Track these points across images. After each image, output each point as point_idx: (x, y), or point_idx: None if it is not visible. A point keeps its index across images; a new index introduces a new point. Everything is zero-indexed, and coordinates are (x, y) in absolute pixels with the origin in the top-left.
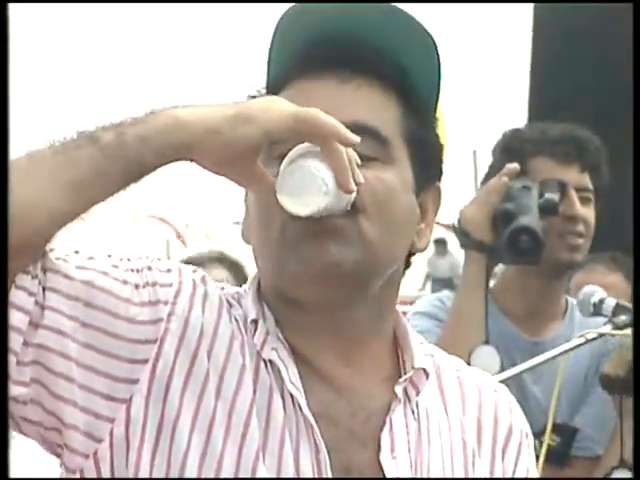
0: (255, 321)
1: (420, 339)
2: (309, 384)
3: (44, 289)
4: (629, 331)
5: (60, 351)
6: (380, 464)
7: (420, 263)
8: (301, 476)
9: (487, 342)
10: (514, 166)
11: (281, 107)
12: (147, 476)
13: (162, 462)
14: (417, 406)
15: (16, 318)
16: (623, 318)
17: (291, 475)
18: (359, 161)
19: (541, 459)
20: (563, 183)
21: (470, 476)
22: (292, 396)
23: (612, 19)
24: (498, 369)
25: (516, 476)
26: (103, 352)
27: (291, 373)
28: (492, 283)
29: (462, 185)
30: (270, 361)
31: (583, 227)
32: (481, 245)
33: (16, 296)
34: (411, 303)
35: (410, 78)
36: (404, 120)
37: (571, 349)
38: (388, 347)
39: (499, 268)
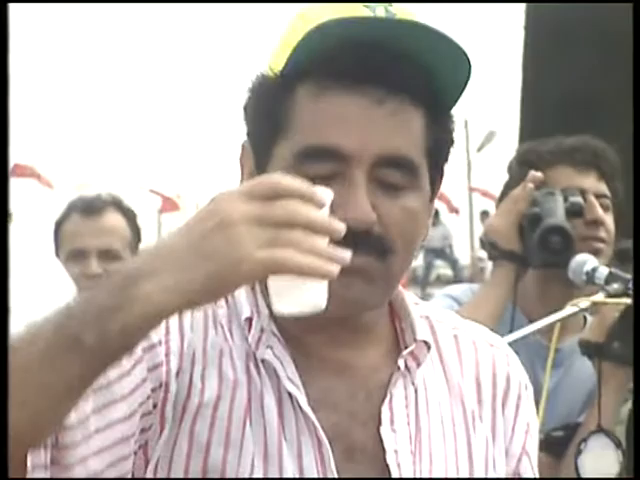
0: (249, 319)
1: (414, 299)
2: (308, 373)
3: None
4: (622, 299)
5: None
6: (380, 438)
7: None
8: (305, 474)
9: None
10: (538, 174)
11: (246, 259)
12: None
13: None
14: (416, 377)
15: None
16: (616, 286)
17: (293, 475)
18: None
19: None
20: (583, 190)
21: (472, 441)
22: (290, 394)
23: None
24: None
25: (517, 429)
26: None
27: (288, 369)
28: None
29: (453, 154)
30: (265, 360)
31: (605, 233)
32: (511, 254)
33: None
34: None
35: (441, 95)
36: (427, 133)
37: (564, 317)
38: (385, 319)
39: None
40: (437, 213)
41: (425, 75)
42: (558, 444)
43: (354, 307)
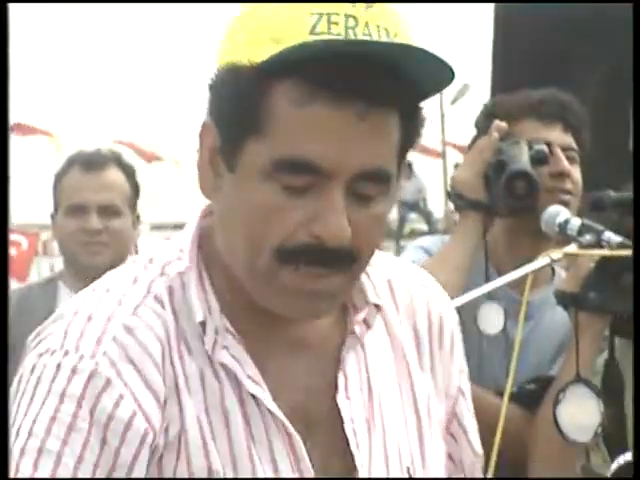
0: (203, 323)
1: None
2: (265, 359)
3: None
4: (594, 251)
5: None
6: (338, 407)
7: None
8: (280, 471)
9: (491, 298)
10: (502, 124)
11: None
12: None
13: None
14: (365, 341)
15: None
16: (588, 238)
17: (270, 473)
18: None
19: (503, 409)
20: (549, 142)
21: (418, 397)
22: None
23: None
24: (502, 326)
25: (452, 370)
26: None
27: (246, 367)
28: None
29: (426, 110)
30: (222, 363)
31: (571, 184)
32: (476, 203)
33: None
34: None
35: (420, 102)
36: (403, 137)
37: (537, 269)
38: None
39: None
40: (410, 166)
41: (408, 88)
42: (531, 397)
43: (317, 315)
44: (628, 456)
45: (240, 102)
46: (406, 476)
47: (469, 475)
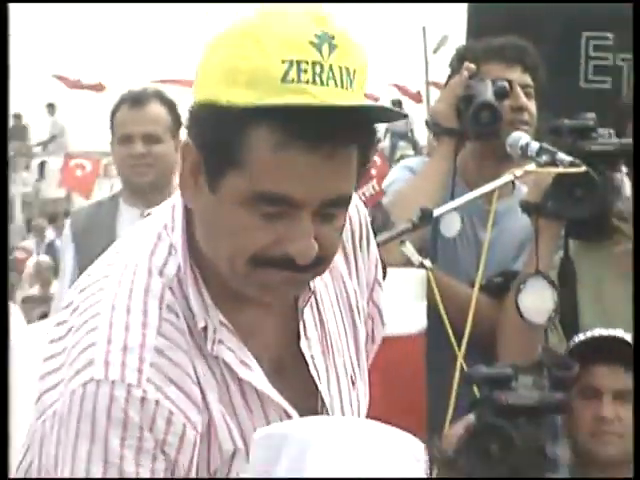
0: (204, 328)
1: None
2: (249, 330)
3: None
4: (550, 169)
5: None
6: (301, 349)
7: None
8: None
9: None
10: (471, 65)
11: None
12: None
13: None
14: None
15: None
16: (545, 158)
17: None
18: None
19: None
20: (510, 81)
21: (353, 307)
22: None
23: None
24: (458, 230)
25: (370, 262)
26: None
27: (240, 354)
28: None
29: (413, 59)
30: (219, 357)
31: (528, 116)
32: (450, 130)
33: None
34: None
35: (374, 135)
36: (361, 161)
37: (500, 185)
38: None
39: None
40: (400, 103)
41: (365, 127)
42: (498, 288)
43: (287, 302)
44: (581, 336)
45: (221, 139)
46: (350, 385)
47: (377, 342)
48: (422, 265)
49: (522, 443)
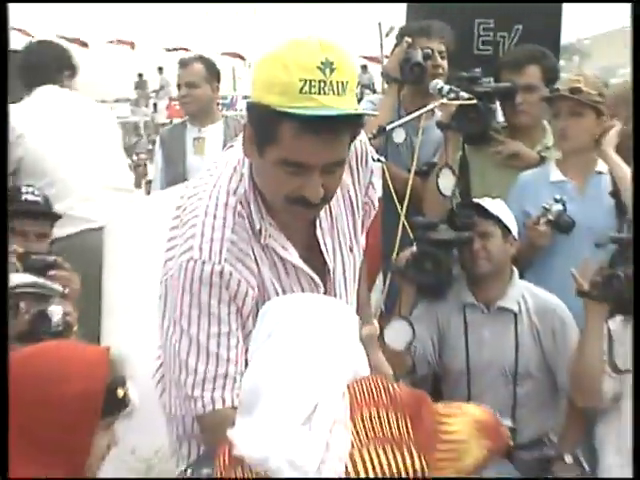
0: (260, 229)
1: None
2: (287, 227)
3: None
4: (454, 102)
5: None
6: (317, 237)
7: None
8: (306, 291)
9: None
10: (409, 39)
11: None
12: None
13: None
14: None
15: None
16: (452, 95)
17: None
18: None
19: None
20: (432, 49)
21: (354, 208)
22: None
23: None
24: (403, 139)
25: (369, 171)
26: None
27: (281, 242)
28: None
29: (374, 39)
30: (268, 244)
31: (442, 70)
32: (395, 79)
33: None
34: None
35: (360, 123)
36: (351, 137)
37: (425, 111)
38: None
39: None
40: (366, 67)
41: (353, 121)
42: (425, 173)
43: (309, 221)
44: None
45: (263, 126)
46: (348, 251)
47: (377, 205)
48: (379, 160)
49: (442, 263)
